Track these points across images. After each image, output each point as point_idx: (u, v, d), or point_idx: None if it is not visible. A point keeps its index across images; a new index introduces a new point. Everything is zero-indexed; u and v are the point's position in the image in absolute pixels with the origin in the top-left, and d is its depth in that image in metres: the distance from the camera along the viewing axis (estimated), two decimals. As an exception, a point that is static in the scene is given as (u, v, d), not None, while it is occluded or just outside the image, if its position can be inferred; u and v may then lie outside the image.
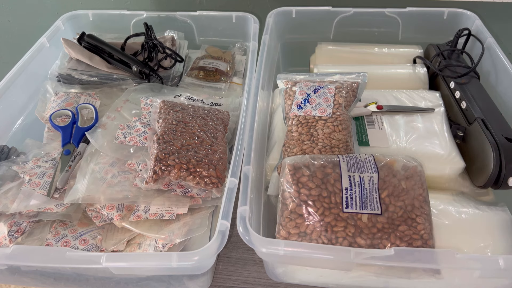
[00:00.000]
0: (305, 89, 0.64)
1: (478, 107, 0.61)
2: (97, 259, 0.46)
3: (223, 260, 0.63)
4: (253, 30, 0.81)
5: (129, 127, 0.65)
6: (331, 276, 0.56)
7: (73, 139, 0.66)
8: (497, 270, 0.43)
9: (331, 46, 0.83)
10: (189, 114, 0.65)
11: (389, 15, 0.82)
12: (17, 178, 0.61)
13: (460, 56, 0.75)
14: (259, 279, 0.61)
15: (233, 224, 0.49)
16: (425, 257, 0.44)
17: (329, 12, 0.83)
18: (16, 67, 0.73)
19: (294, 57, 0.93)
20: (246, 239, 0.46)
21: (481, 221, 0.53)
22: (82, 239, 0.56)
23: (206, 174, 0.56)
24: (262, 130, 0.66)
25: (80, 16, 0.89)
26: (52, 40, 0.82)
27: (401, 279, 0.53)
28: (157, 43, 0.80)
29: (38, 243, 0.55)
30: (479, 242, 0.51)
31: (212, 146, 0.61)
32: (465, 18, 0.81)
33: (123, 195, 0.57)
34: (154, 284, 0.57)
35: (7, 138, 0.70)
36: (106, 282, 0.57)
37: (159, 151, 0.56)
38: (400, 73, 0.76)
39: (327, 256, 0.45)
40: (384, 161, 0.51)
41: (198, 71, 0.82)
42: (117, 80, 0.78)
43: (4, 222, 0.55)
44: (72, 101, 0.73)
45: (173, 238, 0.54)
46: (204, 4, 1.02)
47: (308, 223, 0.48)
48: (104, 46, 0.79)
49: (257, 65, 0.69)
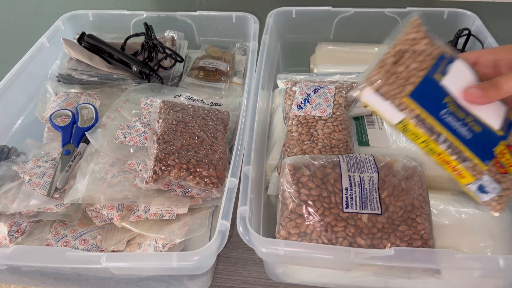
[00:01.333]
0: (305, 89, 0.64)
1: (478, 107, 0.61)
2: (97, 259, 0.46)
3: (223, 260, 0.63)
4: (253, 30, 0.81)
5: (129, 127, 0.65)
6: (331, 276, 0.56)
7: (73, 139, 0.66)
8: (497, 270, 0.43)
9: (331, 46, 0.83)
10: (189, 114, 0.65)
11: (389, 15, 0.82)
12: (17, 178, 0.61)
13: (460, 56, 0.75)
14: (259, 279, 0.61)
15: (233, 224, 0.49)
16: (425, 257, 0.44)
17: (329, 12, 0.83)
18: (16, 67, 0.73)
19: (294, 57, 0.93)
20: (246, 239, 0.46)
21: (481, 221, 0.53)
22: (82, 239, 0.56)
23: (206, 174, 0.56)
24: (262, 130, 0.66)
25: (80, 16, 0.89)
26: (52, 40, 0.82)
27: (401, 279, 0.53)
28: (157, 43, 0.80)
29: (38, 243, 0.55)
30: (479, 242, 0.51)
31: (212, 146, 0.61)
32: (465, 18, 0.81)
33: (123, 195, 0.57)
34: (154, 284, 0.57)
35: (7, 138, 0.70)
36: (106, 282, 0.57)
37: (159, 151, 0.56)
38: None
39: (327, 256, 0.45)
40: (384, 161, 0.51)
41: (198, 71, 0.82)
42: (117, 80, 0.78)
43: (4, 222, 0.55)
44: (72, 101, 0.73)
45: (173, 238, 0.54)
46: (204, 4, 1.02)
47: (308, 223, 0.48)
48: (104, 46, 0.79)
49: (257, 65, 0.69)
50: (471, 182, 0.42)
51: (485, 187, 0.41)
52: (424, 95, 0.39)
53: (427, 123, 0.40)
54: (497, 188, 0.41)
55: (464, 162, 0.40)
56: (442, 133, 0.40)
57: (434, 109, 0.40)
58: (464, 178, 0.41)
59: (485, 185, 0.41)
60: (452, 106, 0.40)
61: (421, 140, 0.41)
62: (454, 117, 0.40)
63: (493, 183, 0.41)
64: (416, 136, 0.41)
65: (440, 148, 0.40)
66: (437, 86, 0.40)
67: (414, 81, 0.39)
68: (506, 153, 0.41)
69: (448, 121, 0.40)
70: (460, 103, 0.41)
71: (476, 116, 0.41)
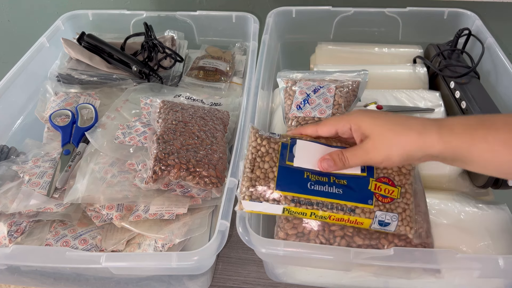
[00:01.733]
0: (305, 88, 0.63)
1: (478, 107, 0.61)
2: (96, 259, 0.46)
3: (223, 260, 0.63)
4: (253, 30, 0.81)
5: (128, 127, 0.65)
6: (331, 276, 0.55)
7: (73, 139, 0.66)
8: (497, 270, 0.43)
9: (331, 46, 0.83)
10: (189, 114, 0.65)
11: (389, 15, 0.82)
12: (16, 178, 0.61)
13: (460, 56, 0.75)
14: (259, 279, 0.61)
15: (233, 224, 0.49)
16: (425, 257, 0.44)
17: (329, 12, 0.83)
18: (16, 67, 0.73)
19: (294, 57, 0.93)
20: (246, 239, 0.46)
21: (481, 221, 0.53)
22: (82, 239, 0.56)
23: (205, 174, 0.56)
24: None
25: (80, 16, 0.89)
26: (52, 40, 0.82)
27: (401, 279, 0.53)
28: (157, 43, 0.80)
29: (37, 243, 0.55)
30: (479, 241, 0.51)
31: (212, 146, 0.61)
32: (465, 18, 0.81)
33: (122, 195, 0.57)
34: (154, 284, 0.57)
35: (7, 138, 0.70)
36: (106, 282, 0.57)
37: (159, 151, 0.56)
38: (400, 73, 0.76)
39: (327, 256, 0.45)
40: None
41: (198, 71, 0.82)
42: (117, 80, 0.78)
43: (3, 222, 0.55)
44: (72, 101, 0.73)
45: (172, 238, 0.53)
46: (204, 4, 1.02)
47: (305, 224, 0.48)
48: (104, 46, 0.79)
49: (257, 65, 0.69)
50: (370, 224, 0.46)
51: (384, 220, 0.45)
52: (286, 181, 0.46)
53: (303, 199, 0.45)
54: (394, 215, 0.45)
55: (353, 212, 0.45)
56: (320, 199, 0.45)
57: (301, 187, 0.46)
58: (363, 223, 0.46)
59: (382, 219, 0.45)
60: (312, 176, 0.46)
61: (309, 214, 0.46)
62: (320, 183, 0.46)
63: (387, 214, 0.45)
64: (303, 213, 0.46)
65: (327, 212, 0.45)
66: (292, 169, 0.47)
67: (273, 177, 0.46)
68: (381, 185, 0.46)
69: (318, 189, 0.46)
70: (318, 171, 0.47)
71: (337, 173, 0.47)
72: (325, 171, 0.47)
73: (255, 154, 0.48)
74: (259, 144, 0.49)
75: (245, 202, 0.46)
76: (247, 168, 0.47)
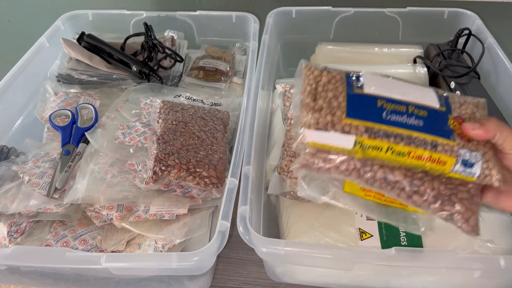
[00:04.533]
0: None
1: (478, 107, 0.61)
2: (96, 260, 0.46)
3: (223, 261, 0.63)
4: (253, 30, 0.81)
5: (128, 127, 0.65)
6: (331, 276, 0.55)
7: (73, 139, 0.66)
8: (497, 270, 0.43)
9: (331, 46, 0.83)
10: (189, 114, 0.65)
11: (389, 15, 0.82)
12: (16, 178, 0.61)
13: (460, 56, 0.75)
14: (259, 279, 0.61)
15: (233, 224, 0.49)
16: (425, 257, 0.44)
17: (329, 12, 0.83)
18: (16, 67, 0.73)
19: (294, 57, 0.93)
20: (246, 239, 0.46)
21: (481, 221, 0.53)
22: (82, 240, 0.56)
23: (206, 175, 0.56)
24: (262, 130, 0.66)
25: (80, 16, 0.89)
26: (51, 40, 0.82)
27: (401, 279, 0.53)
28: (157, 43, 0.80)
29: (37, 243, 0.55)
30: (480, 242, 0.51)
31: (212, 146, 0.61)
32: (465, 18, 0.81)
33: (123, 195, 0.57)
34: (154, 285, 0.57)
35: (7, 138, 0.70)
36: (106, 283, 0.57)
37: (159, 151, 0.56)
38: (400, 73, 0.76)
39: (327, 256, 0.45)
40: None
41: (198, 71, 0.82)
42: (117, 80, 0.78)
43: (3, 222, 0.55)
44: (72, 101, 0.73)
45: (173, 239, 0.53)
46: (204, 4, 1.02)
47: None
48: (103, 46, 0.79)
49: (257, 65, 0.69)
50: (454, 163, 0.40)
51: (468, 159, 0.40)
52: (357, 109, 0.40)
53: (378, 129, 0.39)
54: (478, 155, 0.40)
55: (435, 148, 0.39)
56: (398, 132, 0.39)
57: (375, 116, 0.39)
58: (446, 163, 0.40)
59: (467, 158, 0.40)
60: (388, 105, 0.40)
61: (385, 148, 0.39)
62: (398, 113, 0.40)
63: (471, 152, 0.40)
64: (378, 148, 0.39)
65: (406, 146, 0.39)
66: (362, 97, 0.40)
67: (341, 105, 0.40)
68: (457, 125, 0.41)
69: (395, 120, 0.39)
70: (394, 98, 0.40)
71: (416, 103, 0.41)
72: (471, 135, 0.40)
73: (315, 85, 0.41)
74: (319, 75, 0.42)
75: (309, 132, 0.39)
76: (307, 98, 0.41)
